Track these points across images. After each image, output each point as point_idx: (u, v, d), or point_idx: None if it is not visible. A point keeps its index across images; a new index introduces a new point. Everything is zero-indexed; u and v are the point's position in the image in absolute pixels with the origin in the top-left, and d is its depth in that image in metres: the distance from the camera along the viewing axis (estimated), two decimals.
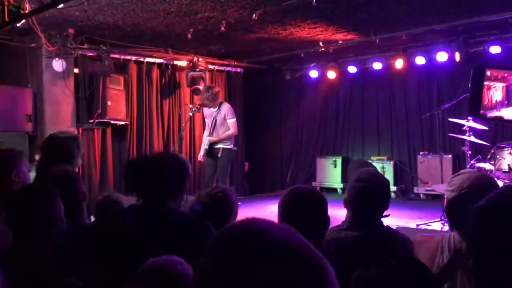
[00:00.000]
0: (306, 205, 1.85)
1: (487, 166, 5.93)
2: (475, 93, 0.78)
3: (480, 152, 7.13)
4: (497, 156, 5.75)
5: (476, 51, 7.72)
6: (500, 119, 0.83)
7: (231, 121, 6.93)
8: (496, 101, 0.81)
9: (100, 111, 7.60)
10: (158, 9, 6.16)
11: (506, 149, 5.73)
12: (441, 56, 7.88)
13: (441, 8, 6.37)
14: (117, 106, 7.85)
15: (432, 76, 8.64)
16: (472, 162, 6.08)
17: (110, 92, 7.74)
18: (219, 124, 6.94)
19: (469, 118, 5.66)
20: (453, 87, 7.95)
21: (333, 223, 2.04)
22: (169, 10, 6.22)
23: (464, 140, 6.12)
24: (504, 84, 0.77)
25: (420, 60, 8.27)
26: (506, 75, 0.79)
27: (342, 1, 5.97)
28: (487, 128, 6.99)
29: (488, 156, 5.95)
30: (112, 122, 7.79)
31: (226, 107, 7.00)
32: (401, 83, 9.08)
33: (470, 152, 6.12)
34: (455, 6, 6.27)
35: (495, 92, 0.82)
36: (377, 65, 8.84)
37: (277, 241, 0.66)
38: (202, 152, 7.17)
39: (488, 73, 0.77)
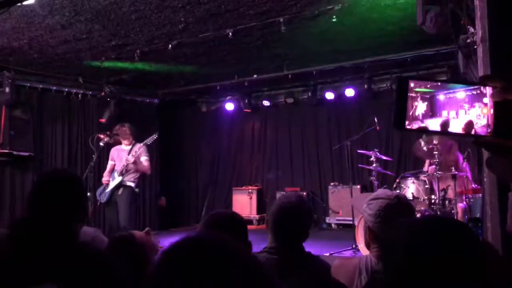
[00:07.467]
0: (227, 229, 1.81)
1: None
2: (400, 106, 0.81)
3: (386, 182, 7.56)
4: (402, 185, 6.11)
5: (380, 87, 8.30)
6: (424, 130, 0.87)
7: (145, 158, 6.52)
8: (420, 113, 0.85)
9: (1, 141, 7.07)
10: (68, 35, 5.93)
11: (409, 178, 6.12)
12: (349, 92, 8.39)
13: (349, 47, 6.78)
14: (21, 136, 7.36)
15: (341, 110, 9.08)
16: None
17: (14, 121, 7.27)
18: (131, 164, 6.46)
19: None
20: (360, 121, 8.39)
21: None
22: (80, 37, 6.01)
23: (371, 170, 6.45)
24: (428, 96, 0.82)
25: (329, 95, 8.70)
26: (429, 86, 0.83)
27: (257, 35, 6.15)
28: (392, 159, 7.44)
29: (394, 185, 6.29)
30: (15, 153, 7.26)
31: (140, 146, 6.58)
32: (312, 116, 9.44)
33: (377, 182, 6.44)
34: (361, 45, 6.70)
35: (420, 104, 0.85)
36: (290, 100, 9.19)
37: (218, 247, 0.76)
38: (107, 195, 6.33)
39: (412, 84, 0.81)
